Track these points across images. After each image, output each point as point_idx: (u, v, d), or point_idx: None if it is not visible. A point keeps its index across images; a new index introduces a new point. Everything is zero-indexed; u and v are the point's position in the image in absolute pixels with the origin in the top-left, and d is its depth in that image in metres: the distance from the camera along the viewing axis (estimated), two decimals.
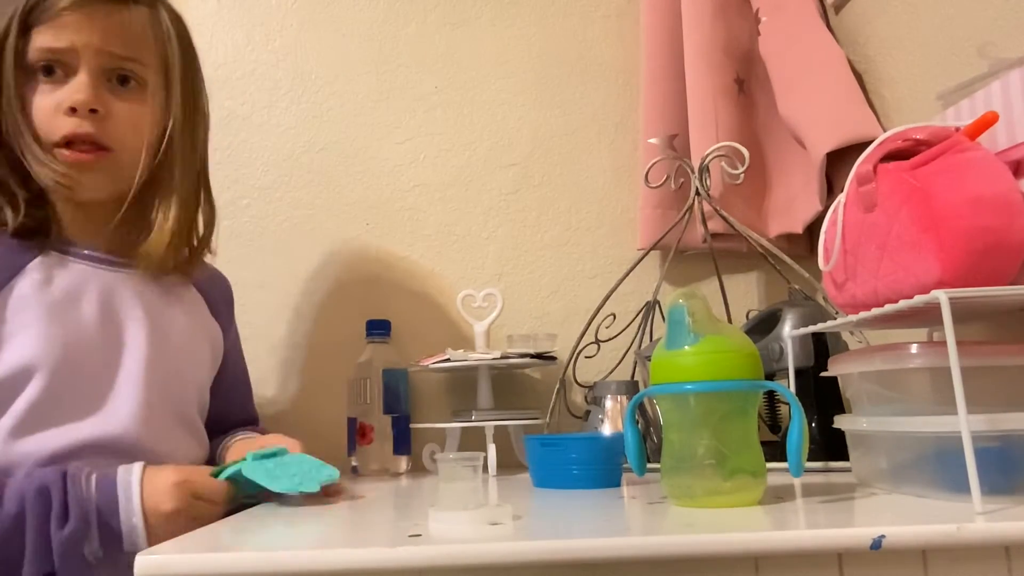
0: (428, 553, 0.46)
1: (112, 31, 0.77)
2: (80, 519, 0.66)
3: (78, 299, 0.77)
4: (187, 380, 0.86)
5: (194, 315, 0.90)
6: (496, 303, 1.04)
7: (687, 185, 1.04)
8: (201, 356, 0.90)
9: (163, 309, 0.84)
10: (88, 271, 0.79)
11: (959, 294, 0.54)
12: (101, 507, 0.67)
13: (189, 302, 0.90)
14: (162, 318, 0.84)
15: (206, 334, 0.92)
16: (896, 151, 0.64)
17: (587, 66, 1.24)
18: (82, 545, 0.66)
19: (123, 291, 0.81)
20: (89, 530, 0.66)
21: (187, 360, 0.86)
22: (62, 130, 0.76)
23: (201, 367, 0.90)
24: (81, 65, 0.76)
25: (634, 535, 0.48)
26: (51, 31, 0.76)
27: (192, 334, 0.88)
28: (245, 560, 0.47)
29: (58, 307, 0.75)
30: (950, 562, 0.48)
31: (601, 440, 0.80)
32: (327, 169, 1.22)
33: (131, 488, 0.68)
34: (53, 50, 0.76)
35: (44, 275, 0.76)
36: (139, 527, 0.67)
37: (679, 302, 0.61)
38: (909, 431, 0.59)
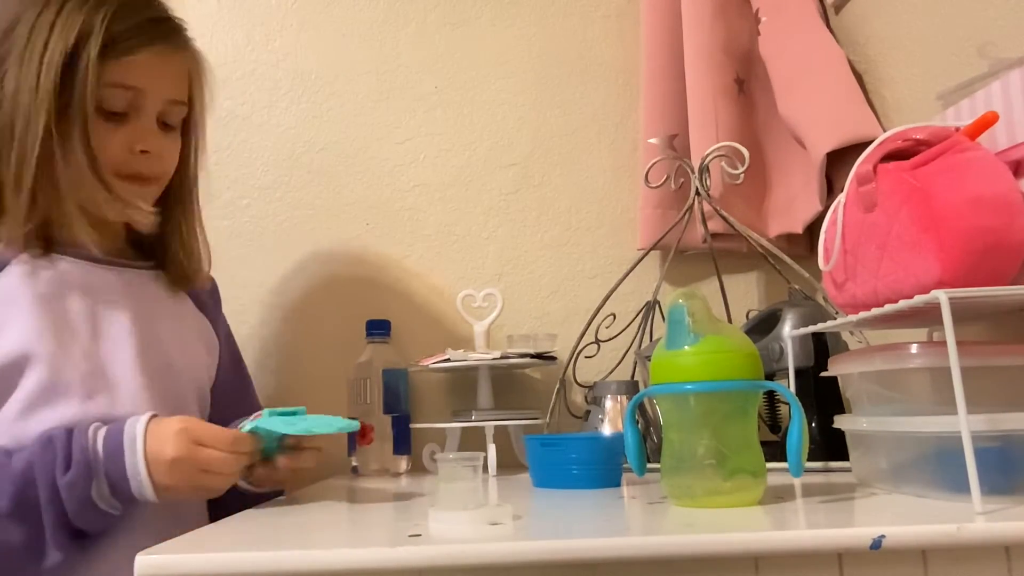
0: (428, 553, 0.46)
1: (176, 78, 0.83)
2: (82, 465, 0.67)
3: (64, 292, 0.78)
4: (181, 375, 0.86)
5: (181, 312, 0.91)
6: (496, 303, 1.04)
7: (687, 185, 1.04)
8: (194, 353, 0.90)
9: (149, 305, 0.85)
10: (72, 266, 0.80)
11: (959, 294, 0.54)
12: (108, 454, 0.68)
13: (175, 299, 0.91)
14: (149, 314, 0.84)
15: (197, 330, 0.92)
16: (896, 151, 0.64)
17: (587, 66, 1.24)
18: (88, 490, 0.67)
19: (108, 287, 0.82)
20: (93, 476, 0.67)
21: (179, 356, 0.86)
22: (132, 168, 0.80)
23: (196, 364, 0.90)
24: (148, 107, 0.80)
25: (634, 535, 0.48)
26: (128, 71, 0.77)
27: (182, 331, 0.89)
28: (245, 560, 0.47)
29: (45, 299, 0.76)
30: (950, 562, 0.48)
31: (601, 440, 0.80)
32: (327, 169, 1.22)
33: (136, 436, 0.69)
34: (126, 87, 0.77)
35: (28, 269, 0.77)
36: (143, 474, 0.68)
37: (679, 302, 0.61)
38: (909, 431, 0.59)
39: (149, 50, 0.78)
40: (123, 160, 0.79)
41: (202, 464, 0.68)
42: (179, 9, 1.14)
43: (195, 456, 0.68)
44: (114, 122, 0.78)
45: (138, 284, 0.86)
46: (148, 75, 0.79)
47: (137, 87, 0.78)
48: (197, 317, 0.93)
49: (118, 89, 0.77)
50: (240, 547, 0.49)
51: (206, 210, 1.21)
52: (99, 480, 0.68)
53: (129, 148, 0.79)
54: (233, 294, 1.18)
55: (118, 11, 0.76)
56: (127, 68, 0.77)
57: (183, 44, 0.84)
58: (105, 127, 0.78)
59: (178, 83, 0.83)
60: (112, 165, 0.78)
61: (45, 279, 0.77)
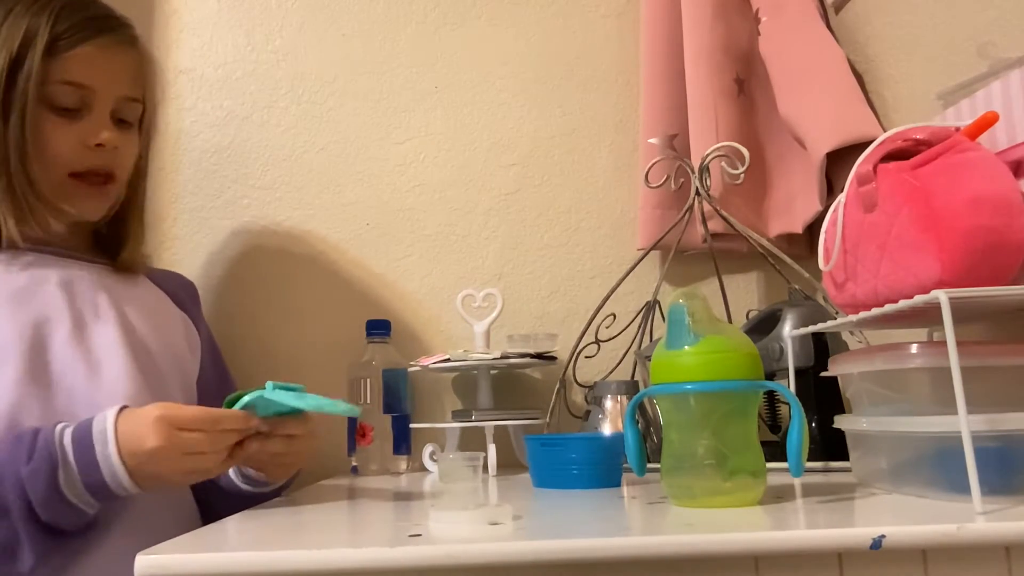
0: (428, 553, 0.46)
1: (127, 75, 0.84)
2: (45, 452, 0.65)
3: (40, 284, 0.79)
4: (163, 361, 0.85)
5: (159, 307, 0.91)
6: (496, 303, 1.04)
7: (687, 185, 1.04)
8: (174, 344, 0.90)
9: (125, 298, 0.86)
10: (45, 260, 0.82)
11: (959, 294, 0.54)
12: (77, 445, 0.66)
13: (149, 292, 0.92)
14: (126, 306, 0.85)
15: (175, 322, 0.92)
16: (896, 151, 0.64)
17: (587, 66, 1.24)
18: (54, 479, 0.65)
19: (83, 278, 0.84)
20: (59, 466, 0.65)
21: (158, 344, 0.86)
22: (86, 163, 0.81)
23: (177, 353, 0.89)
24: (99, 104, 0.81)
25: (634, 535, 0.48)
26: (75, 66, 0.79)
27: (160, 323, 0.89)
28: (245, 560, 0.47)
29: (21, 292, 0.77)
30: (950, 562, 0.48)
31: (601, 440, 0.80)
32: (327, 169, 1.22)
33: (106, 429, 0.67)
34: (76, 85, 0.79)
35: (2, 267, 0.79)
36: (119, 468, 0.66)
37: (679, 302, 0.61)
38: (909, 431, 0.59)
39: (92, 44, 0.80)
40: (77, 155, 0.80)
41: (186, 448, 0.66)
42: (179, 10, 1.15)
43: (177, 442, 0.66)
44: (67, 118, 0.80)
45: (112, 280, 0.87)
46: (95, 70, 0.80)
47: (85, 84, 0.80)
48: (176, 314, 0.94)
49: (66, 86, 0.79)
50: (240, 547, 0.49)
51: (206, 210, 1.21)
52: (67, 470, 0.65)
53: (82, 143, 0.80)
54: (233, 293, 1.18)
55: (61, 11, 0.79)
56: (72, 64, 0.79)
57: (128, 40, 0.85)
58: (57, 124, 0.79)
59: (128, 80, 0.84)
60: (65, 161, 0.80)
61: (20, 276, 0.79)
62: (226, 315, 1.16)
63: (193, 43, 1.24)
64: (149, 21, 1.23)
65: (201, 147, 1.22)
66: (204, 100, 1.23)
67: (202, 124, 1.23)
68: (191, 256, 1.19)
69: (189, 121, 1.23)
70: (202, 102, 1.23)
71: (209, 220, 1.20)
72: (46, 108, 0.79)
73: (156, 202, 0.98)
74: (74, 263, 0.84)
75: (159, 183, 1.18)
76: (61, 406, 0.74)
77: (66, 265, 0.83)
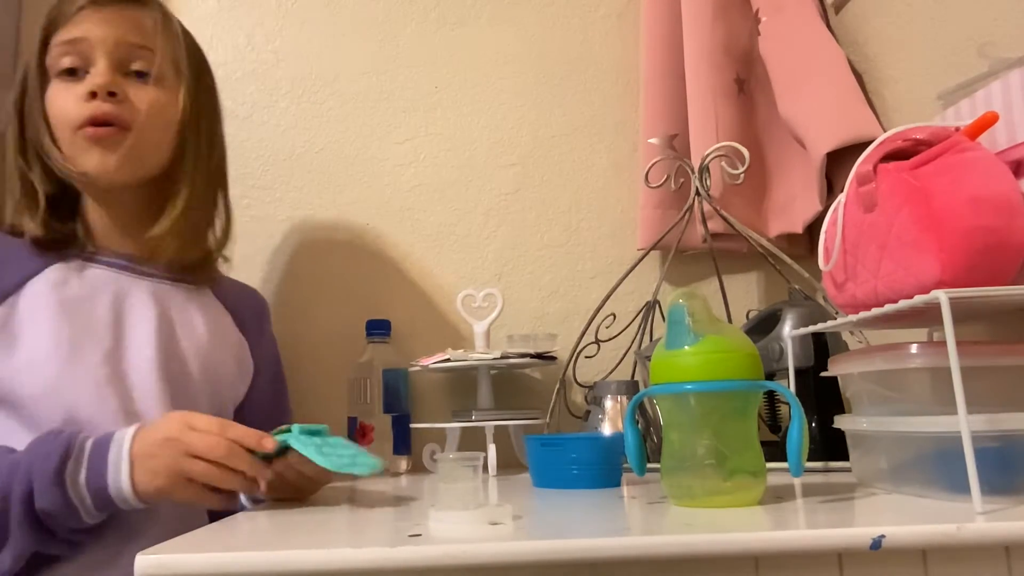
0: (428, 553, 0.46)
1: (126, 25, 0.81)
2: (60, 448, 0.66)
3: (91, 300, 0.79)
4: (198, 386, 0.84)
5: (214, 324, 0.90)
6: (496, 303, 1.04)
7: (687, 185, 1.04)
8: (218, 367, 0.88)
9: (177, 314, 0.85)
10: (106, 275, 0.82)
11: (959, 294, 0.54)
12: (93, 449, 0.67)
13: (209, 311, 0.90)
14: (173, 324, 0.84)
15: (228, 345, 0.91)
16: (896, 151, 0.64)
17: (587, 66, 1.24)
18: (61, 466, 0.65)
19: (138, 294, 0.83)
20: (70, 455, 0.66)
21: (198, 368, 0.85)
22: (83, 114, 0.78)
23: (217, 378, 0.88)
24: (98, 57, 0.80)
25: (634, 535, 0.48)
26: (68, 29, 0.80)
27: (208, 344, 0.87)
28: (245, 560, 0.47)
29: (69, 305, 0.77)
30: (950, 562, 0.48)
31: (601, 440, 0.80)
32: (327, 169, 1.22)
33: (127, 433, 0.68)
34: (69, 42, 0.79)
35: (61, 277, 0.79)
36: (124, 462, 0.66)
37: (679, 302, 0.61)
38: (909, 431, 0.59)
39: (89, 10, 0.80)
40: (74, 109, 0.79)
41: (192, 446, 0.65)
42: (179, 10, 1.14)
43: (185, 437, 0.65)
44: (71, 81, 0.80)
45: (171, 296, 0.86)
46: (87, 23, 0.80)
47: (77, 37, 0.79)
48: (230, 337, 0.92)
49: (62, 47, 0.79)
50: (240, 547, 0.49)
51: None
52: (77, 464, 0.66)
53: (76, 97, 0.79)
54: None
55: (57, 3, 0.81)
56: (66, 28, 0.80)
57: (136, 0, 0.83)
58: (61, 87, 0.80)
59: (129, 27, 0.81)
60: (69, 117, 0.79)
61: (75, 288, 0.79)
62: None
63: None
64: None
65: None
66: None
67: None
68: None
69: None
70: None
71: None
72: (52, 78, 0.80)
73: None
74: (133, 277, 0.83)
75: None
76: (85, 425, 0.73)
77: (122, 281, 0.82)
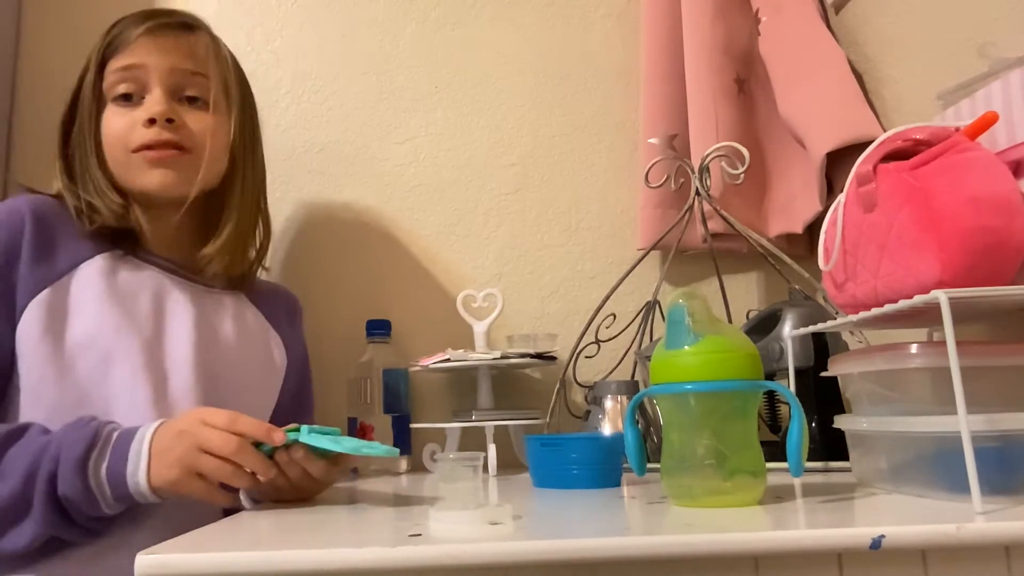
0: (428, 553, 0.46)
1: (181, 52, 0.84)
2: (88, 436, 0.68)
3: (135, 293, 0.82)
4: (228, 389, 0.85)
5: (248, 329, 0.91)
6: (496, 303, 1.04)
7: (687, 185, 1.04)
8: (251, 372, 0.90)
9: (214, 317, 0.87)
10: (151, 273, 0.84)
11: (959, 294, 0.54)
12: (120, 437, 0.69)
13: (243, 315, 0.92)
14: (211, 328, 0.86)
15: (258, 349, 0.92)
16: (896, 151, 0.64)
17: (587, 66, 1.24)
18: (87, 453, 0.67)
19: (177, 295, 0.85)
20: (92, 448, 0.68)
21: (230, 373, 0.86)
22: (142, 139, 0.81)
23: (248, 383, 0.89)
24: (154, 84, 0.82)
25: (634, 535, 0.48)
26: (124, 55, 0.82)
27: (242, 349, 0.89)
28: (245, 560, 0.47)
29: (116, 294, 0.80)
30: (950, 562, 0.48)
31: (601, 440, 0.80)
32: (327, 169, 1.22)
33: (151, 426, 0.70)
34: (126, 67, 0.82)
35: (110, 266, 0.81)
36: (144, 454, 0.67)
37: (679, 302, 0.61)
38: (909, 431, 0.59)
39: (139, 30, 0.82)
40: (130, 135, 0.81)
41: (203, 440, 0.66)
42: None
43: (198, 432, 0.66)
44: (127, 106, 0.82)
45: (206, 299, 0.88)
46: (142, 50, 0.82)
47: (134, 63, 0.82)
48: (264, 339, 0.94)
49: (119, 73, 0.82)
50: (240, 547, 0.49)
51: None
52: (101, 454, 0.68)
53: (137, 121, 0.81)
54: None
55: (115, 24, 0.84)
56: (123, 54, 0.82)
57: (179, 22, 0.86)
58: (116, 111, 0.82)
59: (184, 55, 0.84)
60: (123, 141, 0.81)
61: (123, 277, 0.81)
62: None
63: None
64: None
65: None
66: None
67: None
68: None
69: None
70: None
71: None
72: (110, 103, 0.82)
73: None
74: (176, 280, 0.86)
75: None
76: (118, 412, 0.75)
77: (164, 280, 0.85)
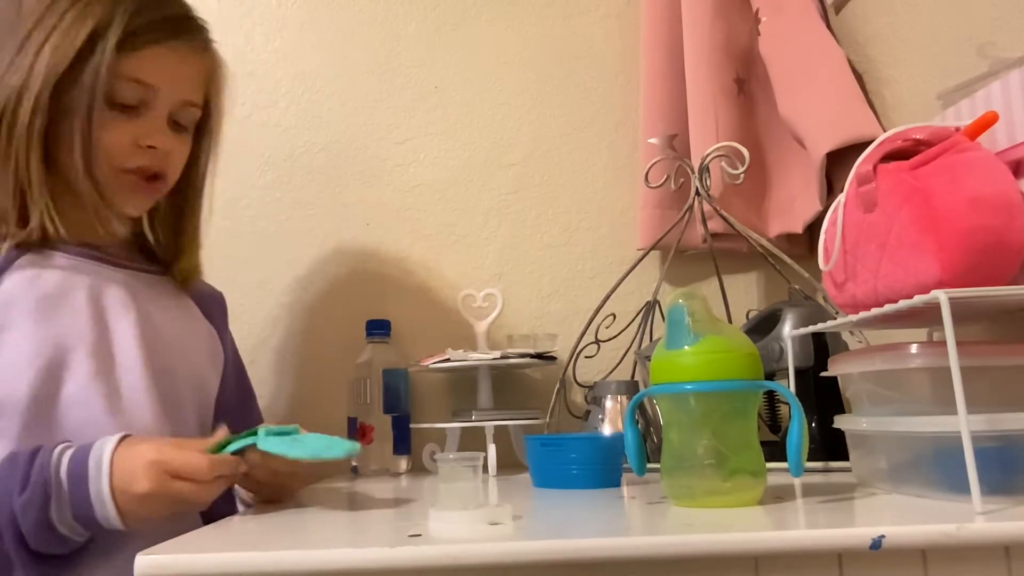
0: (428, 553, 0.46)
1: (193, 83, 0.83)
2: (39, 485, 0.63)
3: (69, 291, 0.76)
4: (181, 381, 0.83)
5: (187, 319, 0.90)
6: (496, 303, 1.04)
7: (687, 185, 1.04)
8: (197, 361, 0.88)
9: (154, 309, 0.84)
10: (76, 265, 0.79)
11: (959, 294, 0.54)
12: (72, 477, 0.64)
13: (179, 302, 0.90)
14: (153, 317, 0.83)
15: (201, 339, 0.90)
16: (896, 151, 0.64)
17: (587, 66, 1.24)
18: (46, 512, 0.63)
19: (113, 288, 0.81)
20: (52, 497, 0.63)
21: (180, 361, 0.84)
22: (136, 161, 0.79)
23: (197, 372, 0.87)
24: (160, 105, 0.80)
25: (634, 535, 0.48)
26: (144, 65, 0.77)
27: (185, 338, 0.87)
28: (245, 560, 0.47)
29: (48, 303, 0.75)
30: (950, 562, 0.48)
31: (601, 440, 0.80)
32: (327, 169, 1.22)
33: (101, 464, 0.65)
34: (142, 83, 0.77)
35: (33, 272, 0.75)
36: (109, 505, 0.64)
37: (679, 302, 0.61)
38: (909, 431, 0.59)
39: (167, 46, 0.79)
40: (128, 153, 0.79)
41: (176, 496, 0.64)
42: None
43: (169, 490, 0.64)
44: (125, 115, 0.78)
45: (143, 287, 0.85)
46: (163, 72, 0.79)
47: (151, 83, 0.78)
48: (203, 326, 0.92)
49: (131, 83, 0.77)
50: (240, 547, 0.49)
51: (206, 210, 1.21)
52: (60, 503, 0.64)
53: (135, 142, 0.78)
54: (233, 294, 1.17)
55: (141, 5, 0.77)
56: (142, 62, 0.77)
57: (203, 45, 0.84)
58: (113, 118, 0.77)
59: (194, 85, 0.83)
60: (116, 157, 0.78)
61: (50, 281, 0.76)
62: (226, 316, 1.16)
63: None
64: None
65: None
66: None
67: None
68: None
69: None
70: None
71: (209, 220, 1.20)
72: (107, 103, 0.76)
73: None
74: (104, 267, 0.81)
75: None
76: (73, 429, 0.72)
77: (95, 271, 0.80)
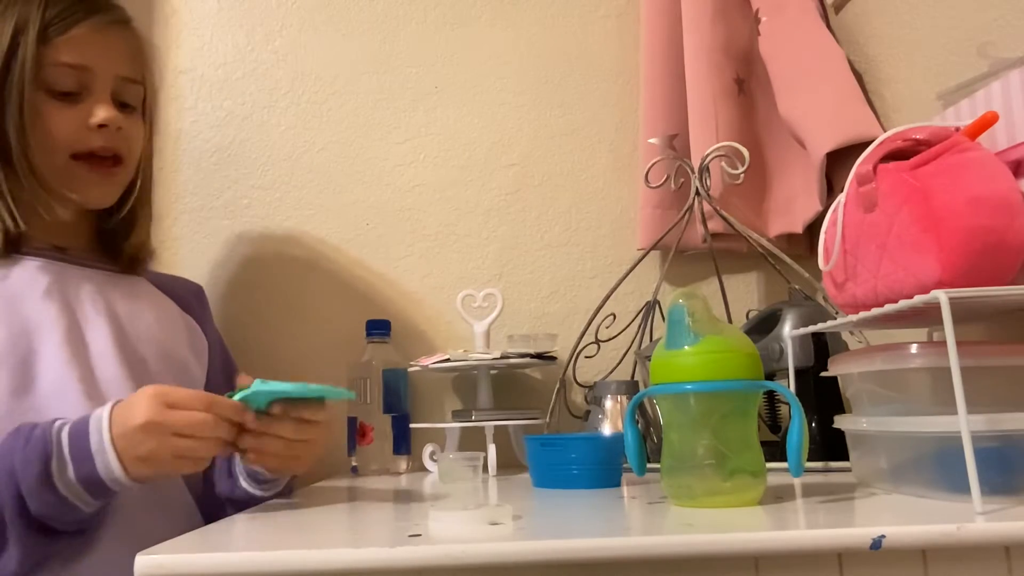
0: (428, 553, 0.46)
1: (123, 57, 0.83)
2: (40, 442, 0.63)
3: (32, 292, 0.77)
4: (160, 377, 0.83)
5: (158, 310, 0.89)
6: (496, 303, 1.04)
7: (687, 185, 1.04)
8: (175, 354, 0.87)
9: (123, 302, 0.84)
10: (40, 266, 0.79)
11: (959, 294, 0.54)
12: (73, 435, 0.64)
13: (150, 297, 0.90)
14: (123, 314, 0.83)
15: (177, 329, 0.90)
16: (896, 151, 0.64)
17: (587, 66, 1.24)
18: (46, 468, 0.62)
19: (82, 283, 0.82)
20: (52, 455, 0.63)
21: (156, 355, 0.84)
22: (89, 144, 0.80)
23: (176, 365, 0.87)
24: (99, 87, 0.81)
25: (634, 535, 0.48)
26: (69, 48, 0.79)
27: (160, 332, 0.86)
28: (245, 560, 0.47)
29: (15, 301, 0.75)
30: (950, 562, 0.48)
31: (601, 440, 0.80)
32: (327, 169, 1.22)
33: (101, 419, 0.65)
34: (72, 67, 0.79)
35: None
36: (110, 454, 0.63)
37: (679, 302, 0.61)
38: (909, 431, 0.59)
39: (85, 25, 0.80)
40: (78, 137, 0.79)
41: (177, 427, 0.63)
42: (179, 10, 1.15)
43: (168, 419, 0.63)
44: (67, 102, 0.79)
45: (112, 285, 0.85)
46: (89, 51, 0.80)
47: (81, 64, 0.79)
48: (180, 320, 0.91)
49: (63, 68, 0.78)
50: (240, 547, 0.49)
51: (206, 210, 1.21)
52: (60, 459, 0.63)
53: (83, 124, 0.79)
54: (233, 294, 1.18)
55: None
56: (67, 46, 0.79)
57: (121, 19, 0.85)
58: (57, 107, 0.79)
59: (124, 59, 0.84)
60: (67, 142, 0.79)
61: (15, 282, 0.76)
62: (226, 315, 1.16)
63: (193, 43, 1.24)
64: (149, 21, 1.23)
65: (201, 147, 1.22)
66: (204, 100, 1.23)
67: (202, 124, 1.22)
68: (191, 256, 1.19)
69: (189, 121, 1.22)
70: (202, 102, 1.23)
71: (209, 220, 1.20)
72: (45, 94, 0.78)
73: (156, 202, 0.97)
74: (71, 267, 0.82)
75: (159, 183, 1.17)
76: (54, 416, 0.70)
77: (62, 271, 0.80)
